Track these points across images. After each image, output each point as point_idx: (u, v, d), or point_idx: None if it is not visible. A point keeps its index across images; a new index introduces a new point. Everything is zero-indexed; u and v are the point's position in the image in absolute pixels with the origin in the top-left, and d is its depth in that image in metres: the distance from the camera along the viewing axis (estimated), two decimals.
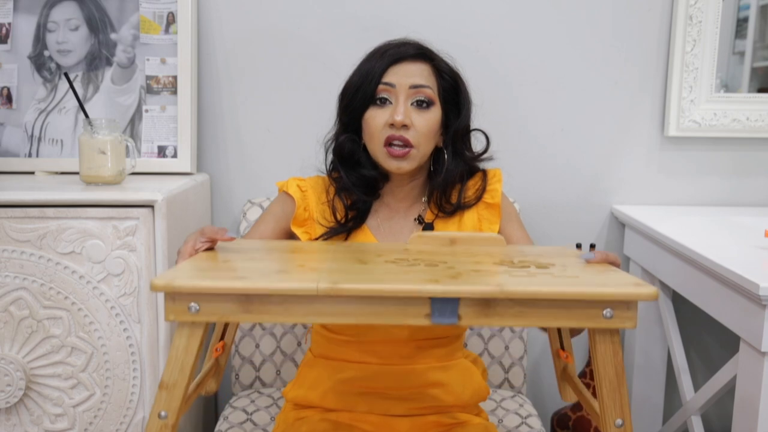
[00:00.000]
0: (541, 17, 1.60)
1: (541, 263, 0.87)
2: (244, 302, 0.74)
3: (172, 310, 0.76)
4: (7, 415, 1.26)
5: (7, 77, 1.51)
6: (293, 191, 1.17)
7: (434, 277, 0.77)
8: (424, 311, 0.74)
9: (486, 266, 0.85)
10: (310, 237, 1.16)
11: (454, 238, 1.00)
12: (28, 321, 1.23)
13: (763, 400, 1.08)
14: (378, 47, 1.13)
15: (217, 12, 1.57)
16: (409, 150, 1.08)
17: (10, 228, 1.21)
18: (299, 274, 0.81)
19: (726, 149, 1.67)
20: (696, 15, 1.58)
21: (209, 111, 1.61)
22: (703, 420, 1.45)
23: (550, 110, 1.63)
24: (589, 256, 0.90)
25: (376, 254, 0.92)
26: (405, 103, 1.09)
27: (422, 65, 1.11)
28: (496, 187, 1.19)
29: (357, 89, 1.11)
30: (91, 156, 1.30)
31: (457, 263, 0.86)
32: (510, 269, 0.83)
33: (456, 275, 0.79)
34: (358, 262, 0.87)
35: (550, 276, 0.80)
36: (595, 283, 0.78)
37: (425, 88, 1.10)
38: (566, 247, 1.03)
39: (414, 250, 0.95)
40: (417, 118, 1.09)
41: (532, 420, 1.38)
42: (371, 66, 1.10)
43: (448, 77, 1.13)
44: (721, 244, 1.31)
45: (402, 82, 1.09)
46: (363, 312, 0.75)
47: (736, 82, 1.66)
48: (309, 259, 0.90)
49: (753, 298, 1.08)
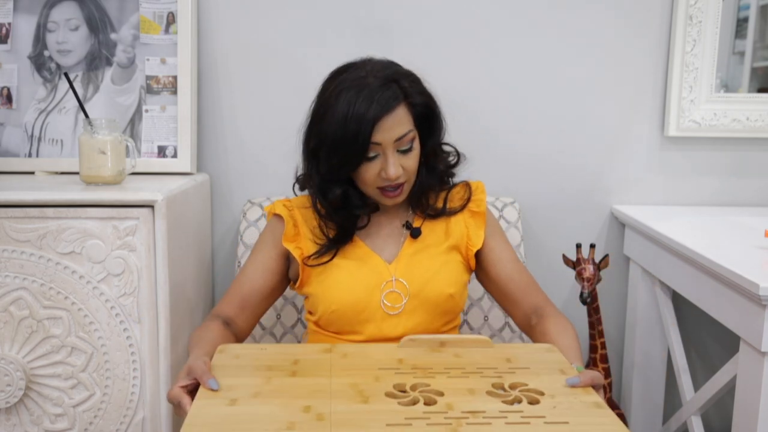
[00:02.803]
0: (541, 17, 1.60)
1: (531, 395, 0.92)
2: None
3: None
4: (7, 415, 1.26)
5: (7, 77, 1.51)
6: (280, 210, 1.22)
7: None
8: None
9: (480, 400, 0.90)
10: (302, 253, 1.20)
11: (443, 341, 1.06)
12: (28, 321, 1.23)
13: (763, 400, 1.09)
14: (341, 106, 1.08)
15: (217, 12, 1.57)
16: (402, 187, 1.15)
17: (10, 228, 1.21)
18: (306, 426, 0.84)
19: (726, 149, 1.67)
20: (696, 15, 1.58)
21: (209, 111, 1.61)
22: (703, 420, 1.45)
23: (550, 110, 1.63)
24: (573, 381, 0.94)
25: (374, 378, 0.95)
26: (393, 155, 1.11)
27: (399, 111, 1.10)
28: (481, 197, 1.25)
29: (344, 150, 1.09)
30: (91, 156, 1.30)
31: (454, 401, 0.90)
32: (505, 409, 0.88)
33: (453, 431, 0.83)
34: (360, 398, 0.90)
35: (542, 421, 0.85)
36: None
37: (407, 135, 1.11)
38: (550, 347, 1.08)
39: (408, 364, 1.00)
40: (405, 162, 1.13)
41: None
42: (357, 130, 1.07)
43: (420, 105, 1.13)
44: (721, 244, 1.31)
45: (387, 138, 1.09)
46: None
47: (736, 82, 1.66)
48: (313, 397, 0.91)
49: (753, 298, 1.08)
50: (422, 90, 1.15)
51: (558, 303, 1.70)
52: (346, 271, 1.17)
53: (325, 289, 1.16)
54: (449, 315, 1.19)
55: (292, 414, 0.86)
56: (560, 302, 1.70)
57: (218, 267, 1.66)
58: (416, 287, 1.16)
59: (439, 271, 1.17)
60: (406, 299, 1.16)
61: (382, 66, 1.13)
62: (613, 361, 1.72)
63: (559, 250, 1.65)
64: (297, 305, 1.50)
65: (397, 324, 1.15)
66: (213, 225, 1.65)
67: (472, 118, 1.61)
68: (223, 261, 1.66)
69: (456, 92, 1.60)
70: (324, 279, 1.17)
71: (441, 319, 1.18)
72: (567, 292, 1.70)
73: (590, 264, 1.44)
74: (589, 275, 1.43)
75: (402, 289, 1.16)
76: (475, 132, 1.62)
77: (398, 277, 1.16)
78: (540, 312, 1.17)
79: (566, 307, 1.70)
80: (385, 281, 1.16)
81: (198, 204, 1.50)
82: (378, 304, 1.15)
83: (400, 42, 1.58)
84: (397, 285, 1.16)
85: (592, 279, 1.43)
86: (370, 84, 1.09)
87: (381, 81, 1.09)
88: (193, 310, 1.46)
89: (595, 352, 1.50)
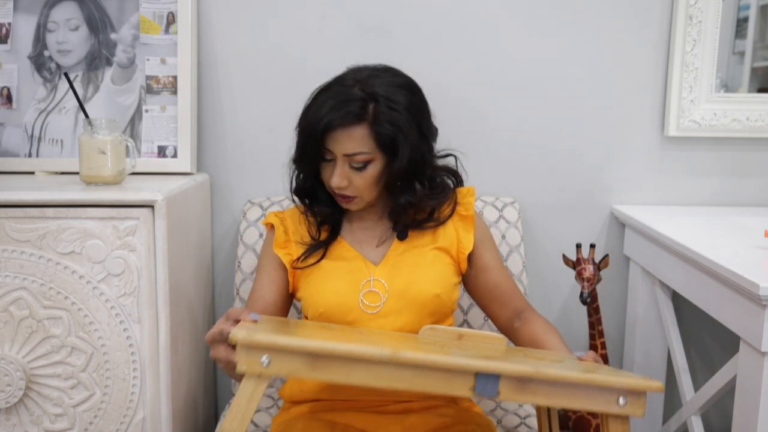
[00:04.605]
0: (540, 17, 1.60)
1: (553, 359, 0.98)
2: (312, 361, 0.81)
3: (246, 361, 0.80)
4: (7, 415, 1.26)
5: (7, 77, 1.51)
6: (272, 219, 1.25)
7: (478, 355, 0.88)
8: (468, 384, 0.83)
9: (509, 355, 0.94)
10: (291, 258, 1.21)
11: (461, 334, 1.06)
12: (28, 321, 1.23)
13: (763, 400, 1.09)
14: (317, 100, 1.13)
15: (217, 12, 1.57)
16: (353, 198, 1.16)
17: (10, 228, 1.21)
18: (361, 343, 0.87)
19: (726, 149, 1.67)
20: (696, 15, 1.58)
21: (209, 111, 1.61)
22: (703, 420, 1.45)
23: (550, 110, 1.63)
24: (580, 353, 1.04)
25: (416, 341, 0.99)
26: (342, 167, 1.13)
27: (357, 130, 1.10)
28: (469, 200, 1.24)
29: (302, 143, 1.15)
30: (91, 156, 1.30)
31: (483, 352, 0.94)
32: (530, 359, 0.93)
33: (493, 357, 0.88)
34: (406, 343, 0.94)
35: (573, 364, 0.93)
36: (613, 374, 0.90)
37: (358, 155, 1.11)
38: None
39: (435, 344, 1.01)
40: (355, 177, 1.13)
41: (531, 420, 1.38)
42: (311, 128, 1.11)
43: (384, 135, 1.10)
44: (721, 244, 1.30)
45: (337, 149, 1.12)
46: (415, 380, 0.82)
47: (736, 82, 1.66)
48: (362, 337, 0.96)
49: (753, 298, 1.08)
50: (394, 120, 1.10)
51: (558, 303, 1.70)
52: (330, 273, 1.17)
53: (312, 291, 1.17)
54: (437, 315, 1.18)
55: (344, 337, 0.91)
56: (560, 302, 1.70)
57: (218, 267, 1.66)
58: (400, 287, 1.16)
59: (426, 272, 1.17)
60: (384, 298, 1.15)
61: (371, 77, 1.12)
62: (613, 361, 1.72)
63: (559, 250, 1.65)
64: (297, 305, 1.50)
65: (384, 324, 1.15)
66: (213, 225, 1.65)
67: (472, 118, 1.61)
68: (223, 261, 1.66)
69: (456, 92, 1.60)
70: (311, 281, 1.18)
71: (429, 319, 1.17)
72: (567, 292, 1.70)
73: (590, 264, 1.44)
74: (589, 275, 1.43)
75: (380, 288, 1.16)
76: (475, 132, 1.62)
77: (376, 277, 1.17)
78: (522, 316, 1.21)
79: (566, 307, 1.70)
80: (365, 280, 1.16)
81: (198, 204, 1.50)
82: (358, 304, 1.15)
83: (399, 42, 1.58)
84: (376, 284, 1.16)
85: (592, 279, 1.43)
86: (345, 92, 1.10)
87: (357, 94, 1.10)
88: (193, 310, 1.46)
89: (595, 351, 1.50)
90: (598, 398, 0.86)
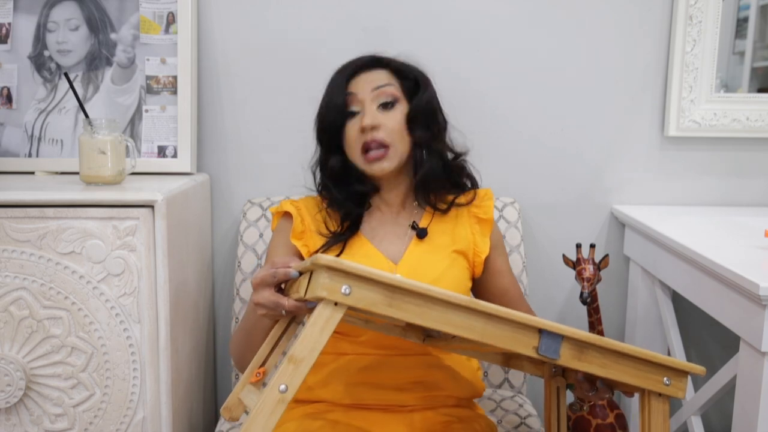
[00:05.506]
0: (540, 17, 1.60)
1: None
2: (390, 297, 0.80)
3: (326, 287, 0.77)
4: (7, 415, 1.26)
5: (7, 77, 1.51)
6: (288, 207, 1.23)
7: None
8: (533, 342, 0.85)
9: None
10: (309, 250, 1.20)
11: None
12: (28, 321, 1.23)
13: (763, 400, 1.09)
14: (338, 68, 1.22)
15: (217, 12, 1.57)
16: (386, 151, 1.15)
17: (10, 228, 1.21)
18: None
19: (726, 149, 1.67)
20: (696, 15, 1.58)
21: (209, 111, 1.61)
22: (703, 420, 1.45)
23: (550, 110, 1.63)
24: None
25: None
26: (371, 107, 1.16)
27: (380, 71, 1.19)
28: (488, 204, 1.26)
29: (327, 107, 1.18)
30: (91, 156, 1.30)
31: None
32: None
33: None
34: None
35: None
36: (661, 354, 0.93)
37: (386, 86, 1.17)
38: None
39: None
40: (384, 118, 1.15)
41: (531, 420, 1.38)
42: (334, 83, 1.19)
43: (409, 74, 1.20)
44: (721, 244, 1.30)
45: (364, 87, 1.16)
46: (485, 330, 0.83)
47: (736, 82, 1.66)
48: None
49: (753, 298, 1.08)
50: (412, 69, 1.21)
51: (558, 303, 1.70)
52: None
53: None
54: None
55: None
56: (560, 302, 1.70)
57: (218, 267, 1.66)
58: None
59: (444, 275, 1.17)
60: None
61: (374, 54, 1.22)
62: None
63: (559, 250, 1.65)
64: None
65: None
66: (213, 225, 1.65)
67: (472, 117, 1.61)
68: (223, 261, 1.66)
69: (455, 92, 1.59)
70: None
71: None
72: (567, 292, 1.70)
73: (590, 264, 1.44)
74: (589, 275, 1.43)
75: None
76: (475, 132, 1.61)
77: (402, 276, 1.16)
78: None
79: (566, 307, 1.70)
80: None
81: (198, 204, 1.50)
82: None
83: (400, 42, 1.58)
84: None
85: (592, 279, 1.43)
86: (358, 60, 1.21)
87: (368, 59, 1.20)
88: (194, 310, 1.46)
89: None
90: (647, 375, 0.91)
